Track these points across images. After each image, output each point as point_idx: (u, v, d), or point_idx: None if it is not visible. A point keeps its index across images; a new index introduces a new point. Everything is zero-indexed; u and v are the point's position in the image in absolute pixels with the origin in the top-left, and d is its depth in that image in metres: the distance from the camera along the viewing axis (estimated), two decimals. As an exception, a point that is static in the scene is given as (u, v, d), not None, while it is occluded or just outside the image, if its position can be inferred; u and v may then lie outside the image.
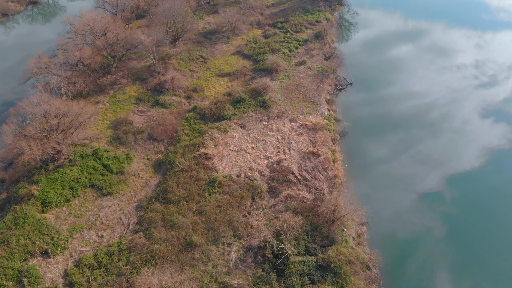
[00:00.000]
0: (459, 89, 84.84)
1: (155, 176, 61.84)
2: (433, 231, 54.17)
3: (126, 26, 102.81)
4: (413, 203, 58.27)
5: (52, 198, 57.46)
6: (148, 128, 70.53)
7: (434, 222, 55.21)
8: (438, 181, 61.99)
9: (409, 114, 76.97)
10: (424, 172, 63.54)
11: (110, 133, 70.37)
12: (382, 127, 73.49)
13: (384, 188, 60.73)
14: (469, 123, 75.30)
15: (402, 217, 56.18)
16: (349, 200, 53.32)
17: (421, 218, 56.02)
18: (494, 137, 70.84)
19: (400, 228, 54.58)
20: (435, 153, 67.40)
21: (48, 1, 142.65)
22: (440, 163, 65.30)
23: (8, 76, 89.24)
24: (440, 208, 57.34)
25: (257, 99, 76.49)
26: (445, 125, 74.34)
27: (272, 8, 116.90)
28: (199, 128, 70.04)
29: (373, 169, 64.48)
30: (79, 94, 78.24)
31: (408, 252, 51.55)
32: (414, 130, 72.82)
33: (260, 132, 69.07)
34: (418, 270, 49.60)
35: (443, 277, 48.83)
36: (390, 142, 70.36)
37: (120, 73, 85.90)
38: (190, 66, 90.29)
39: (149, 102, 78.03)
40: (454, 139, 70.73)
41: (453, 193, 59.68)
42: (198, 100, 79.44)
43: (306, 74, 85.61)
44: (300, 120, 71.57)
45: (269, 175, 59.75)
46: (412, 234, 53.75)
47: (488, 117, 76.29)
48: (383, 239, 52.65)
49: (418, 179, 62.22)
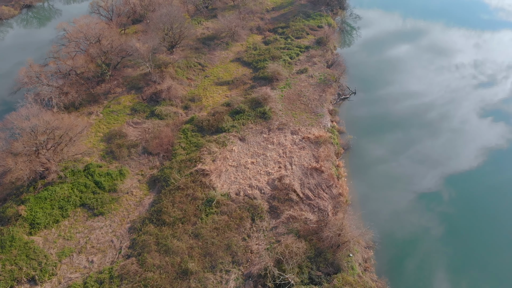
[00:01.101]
0: (463, 89, 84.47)
1: (150, 194, 58.64)
2: (432, 231, 54.16)
3: (121, 32, 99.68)
4: (424, 217, 56.74)
5: (40, 219, 54.30)
6: (143, 141, 67.35)
7: (433, 222, 55.20)
8: (441, 182, 61.81)
9: (418, 128, 74.11)
10: (429, 175, 63.02)
11: (103, 147, 67.18)
12: (387, 141, 70.33)
13: (390, 204, 57.82)
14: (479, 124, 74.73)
15: (405, 221, 55.81)
16: (355, 222, 50.22)
17: (422, 219, 56.07)
18: (493, 137, 70.83)
19: (399, 229, 54.59)
20: (441, 156, 66.43)
21: (43, 5, 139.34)
22: (444, 164, 64.90)
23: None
24: (439, 208, 57.32)
25: (257, 109, 73.32)
26: (454, 126, 73.66)
27: (272, 12, 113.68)
28: (197, 141, 66.85)
29: (379, 184, 61.33)
30: (72, 105, 75.08)
31: (407, 252, 51.59)
32: (421, 139, 70.99)
33: (260, 146, 65.89)
34: (417, 270, 49.66)
35: (442, 277, 48.73)
36: (396, 156, 67.16)
37: (115, 82, 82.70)
38: (188, 74, 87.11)
39: (145, 112, 74.83)
40: (463, 140, 70.41)
41: (452, 193, 59.65)
42: (195, 111, 76.24)
43: (308, 83, 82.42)
44: (302, 132, 68.40)
45: (270, 193, 56.57)
46: (411, 234, 53.96)
47: (487, 117, 76.15)
48: (382, 240, 52.29)
49: (426, 184, 61.46)
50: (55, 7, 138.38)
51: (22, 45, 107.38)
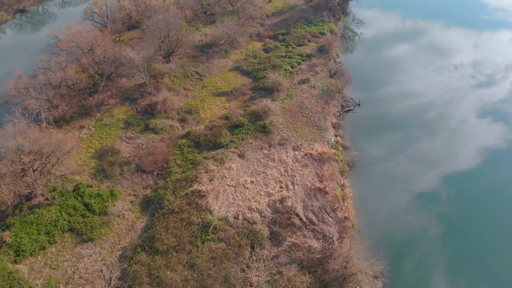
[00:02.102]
0: (463, 89, 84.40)
1: (142, 217, 55.07)
2: (430, 231, 54.14)
3: (116, 39, 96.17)
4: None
5: (26, 246, 50.73)
6: (136, 158, 63.78)
7: (433, 222, 55.27)
8: (441, 182, 61.81)
9: (425, 135, 71.95)
10: (434, 177, 62.36)
11: (95, 164, 63.62)
12: (394, 156, 66.78)
13: (396, 225, 54.49)
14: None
15: (412, 230, 55.03)
16: (362, 251, 46.56)
17: (423, 220, 55.96)
18: (491, 137, 70.83)
19: (400, 230, 54.48)
20: (447, 158, 65.58)
21: (37, 9, 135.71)
22: (444, 164, 64.70)
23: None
24: (438, 208, 57.41)
25: (257, 123, 69.75)
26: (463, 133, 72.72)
27: (273, 18, 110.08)
28: (193, 157, 63.31)
29: (387, 206, 57.81)
30: (62, 118, 71.53)
31: (406, 252, 51.54)
32: (426, 144, 69.51)
33: (261, 163, 62.32)
34: (415, 270, 49.60)
35: (441, 278, 48.69)
36: (404, 171, 63.63)
37: (108, 93, 79.13)
38: (185, 83, 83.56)
39: (139, 126, 71.23)
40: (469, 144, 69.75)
41: (451, 193, 59.76)
42: (192, 124, 72.69)
43: (310, 94, 78.84)
44: (305, 148, 64.86)
45: (271, 217, 52.99)
46: (410, 234, 54.01)
47: (486, 117, 76.25)
48: (382, 240, 52.34)
49: (429, 185, 61.11)
50: (50, 11, 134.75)
51: (14, 52, 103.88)
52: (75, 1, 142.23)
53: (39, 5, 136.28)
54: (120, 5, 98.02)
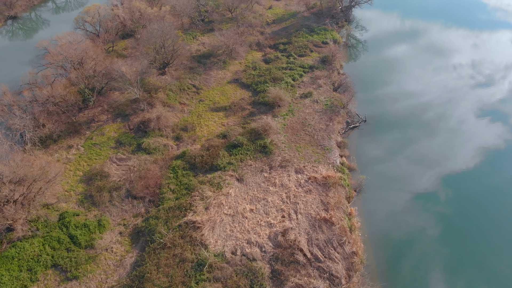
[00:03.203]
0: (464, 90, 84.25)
1: (132, 251, 50.57)
2: (429, 231, 54.01)
3: (109, 49, 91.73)
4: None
5: (6, 285, 46.25)
6: (127, 183, 59.29)
7: (432, 222, 55.10)
8: (441, 183, 61.47)
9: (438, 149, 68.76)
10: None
11: (82, 189, 59.16)
12: (403, 179, 62.30)
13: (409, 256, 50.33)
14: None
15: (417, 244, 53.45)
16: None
17: (425, 221, 55.61)
18: (490, 137, 70.91)
19: (397, 229, 54.09)
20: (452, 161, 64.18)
21: (30, 15, 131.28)
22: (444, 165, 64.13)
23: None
24: (436, 208, 57.29)
25: (257, 142, 65.31)
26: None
27: (273, 25, 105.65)
28: (188, 182, 58.85)
29: (396, 235, 53.41)
30: (49, 137, 67.10)
31: (404, 253, 51.36)
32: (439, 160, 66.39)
33: (261, 188, 57.85)
34: (414, 270, 49.38)
35: (439, 278, 48.51)
36: (416, 197, 59.22)
37: (99, 108, 74.69)
38: (181, 98, 79.10)
39: (131, 146, 66.79)
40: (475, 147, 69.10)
41: (453, 193, 59.63)
42: (188, 142, 68.22)
43: (312, 109, 74.39)
44: (308, 171, 60.38)
45: (272, 252, 48.48)
46: (409, 234, 53.78)
47: (484, 117, 76.39)
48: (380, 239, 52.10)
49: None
50: (43, 17, 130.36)
51: (3, 62, 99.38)
52: (69, 7, 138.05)
53: (31, 11, 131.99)
54: (114, 14, 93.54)
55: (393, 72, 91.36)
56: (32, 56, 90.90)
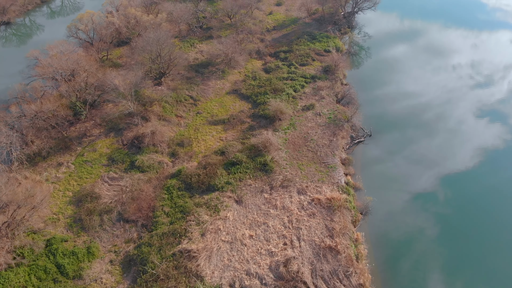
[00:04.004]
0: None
1: (123, 281, 47.08)
2: (428, 231, 53.89)
3: (104, 57, 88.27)
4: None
5: (-15, 320, 42.98)
6: (118, 205, 55.81)
7: (432, 223, 54.98)
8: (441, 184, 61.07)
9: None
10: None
11: (71, 212, 55.70)
12: (410, 199, 58.84)
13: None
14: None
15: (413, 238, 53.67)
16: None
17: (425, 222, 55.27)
18: (489, 137, 70.77)
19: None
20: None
21: (24, 20, 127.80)
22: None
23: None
24: (436, 209, 57.10)
25: (257, 159, 61.86)
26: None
27: (274, 32, 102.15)
28: (183, 204, 55.37)
29: (406, 264, 49.93)
30: (38, 154, 63.69)
31: (403, 253, 51.16)
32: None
33: (261, 211, 54.36)
34: (413, 270, 49.18)
35: (438, 278, 48.24)
36: (428, 221, 55.77)
37: (92, 122, 71.24)
38: (177, 110, 75.63)
39: (124, 163, 63.33)
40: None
41: (449, 193, 59.54)
42: (184, 159, 64.78)
43: (315, 123, 70.92)
44: (311, 191, 56.91)
45: (273, 285, 44.96)
46: (408, 235, 53.46)
47: (484, 117, 76.30)
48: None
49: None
50: (37, 22, 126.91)
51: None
52: (64, 11, 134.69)
53: (25, 16, 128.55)
54: (108, 21, 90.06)
55: (399, 82, 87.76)
56: (23, 66, 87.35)
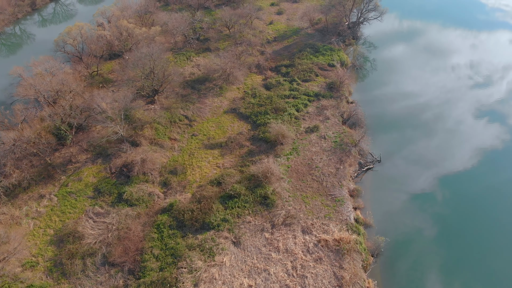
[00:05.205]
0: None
1: None
2: (428, 231, 53.74)
3: (94, 73, 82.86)
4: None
5: None
6: (103, 246, 50.39)
7: (432, 224, 54.70)
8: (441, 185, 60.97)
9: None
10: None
11: (52, 254, 50.28)
12: (428, 238, 53.40)
13: None
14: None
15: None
16: None
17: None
18: (488, 138, 70.40)
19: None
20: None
21: (14, 29, 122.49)
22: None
23: None
24: (435, 209, 56.86)
25: (257, 191, 56.43)
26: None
27: (275, 44, 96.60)
28: (175, 245, 49.92)
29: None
30: (18, 185, 58.38)
31: (404, 254, 50.67)
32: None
33: (261, 255, 48.86)
34: (412, 271, 48.98)
35: (437, 278, 48.02)
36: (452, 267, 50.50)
37: (78, 147, 65.84)
38: (171, 132, 70.21)
39: (111, 195, 57.91)
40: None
41: (448, 194, 59.33)
42: (177, 190, 59.35)
43: (320, 147, 65.44)
44: (317, 230, 51.42)
45: None
46: (407, 235, 53.34)
47: (483, 117, 75.76)
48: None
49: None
50: (28, 31, 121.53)
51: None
52: (57, 19, 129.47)
53: (15, 25, 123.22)
54: (98, 34, 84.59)
55: (407, 96, 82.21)
56: (5, 83, 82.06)
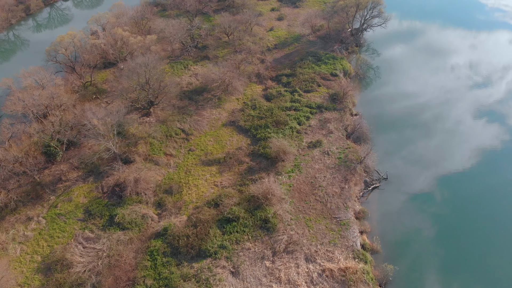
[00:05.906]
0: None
1: None
2: (428, 232, 53.69)
3: (87, 83, 79.65)
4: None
5: None
6: (93, 275, 47.13)
7: (432, 223, 54.66)
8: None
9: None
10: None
11: (39, 282, 47.15)
12: (438, 258, 50.20)
13: None
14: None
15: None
16: None
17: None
18: (487, 138, 70.20)
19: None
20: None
21: (7, 35, 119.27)
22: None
23: None
24: (435, 209, 56.73)
25: (257, 214, 53.19)
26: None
27: (275, 51, 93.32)
28: (169, 275, 46.65)
29: None
30: (5, 207, 55.22)
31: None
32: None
33: (262, 286, 45.57)
34: (411, 271, 48.84)
35: (436, 278, 47.87)
36: None
37: (68, 164, 62.61)
38: (167, 147, 66.95)
39: (102, 218, 54.68)
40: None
41: (447, 194, 59.16)
42: (172, 211, 56.13)
43: (323, 164, 62.19)
44: (321, 258, 48.17)
45: None
46: (407, 235, 53.26)
47: (482, 117, 75.57)
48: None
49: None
50: (22, 36, 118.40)
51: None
52: (52, 24, 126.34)
53: (8, 31, 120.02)
54: (92, 43, 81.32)
55: (411, 107, 78.83)
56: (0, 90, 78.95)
